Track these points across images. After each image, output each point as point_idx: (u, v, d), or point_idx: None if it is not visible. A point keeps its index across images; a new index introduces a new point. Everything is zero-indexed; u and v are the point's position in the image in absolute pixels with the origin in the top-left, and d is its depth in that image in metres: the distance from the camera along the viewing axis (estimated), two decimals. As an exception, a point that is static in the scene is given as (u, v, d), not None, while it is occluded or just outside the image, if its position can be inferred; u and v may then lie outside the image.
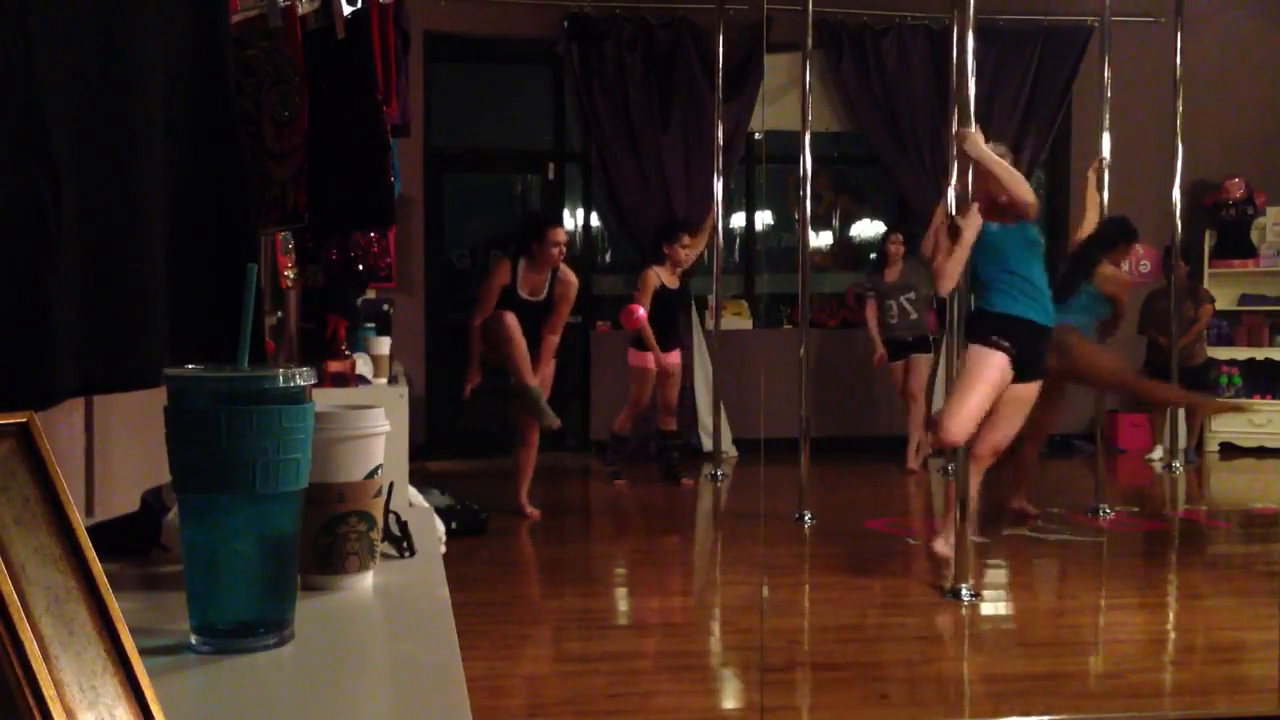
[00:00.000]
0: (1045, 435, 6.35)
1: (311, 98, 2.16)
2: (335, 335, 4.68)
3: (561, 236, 5.84)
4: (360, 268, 4.94)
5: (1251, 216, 9.03)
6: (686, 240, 7.38)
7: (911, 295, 7.74)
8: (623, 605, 5.07)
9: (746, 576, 5.19)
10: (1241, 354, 9.05)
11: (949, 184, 4.98)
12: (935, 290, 4.91)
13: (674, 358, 7.37)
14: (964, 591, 4.69)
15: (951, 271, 4.70)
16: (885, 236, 8.11)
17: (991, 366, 4.78)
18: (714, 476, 7.62)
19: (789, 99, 7.85)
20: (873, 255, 8.87)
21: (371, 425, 1.17)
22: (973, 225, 4.70)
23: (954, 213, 4.79)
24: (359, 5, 2.28)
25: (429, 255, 8.61)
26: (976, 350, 4.79)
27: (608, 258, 9.48)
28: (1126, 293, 6.27)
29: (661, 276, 7.25)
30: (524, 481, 6.30)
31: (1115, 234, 6.18)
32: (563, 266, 5.96)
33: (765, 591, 4.84)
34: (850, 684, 3.86)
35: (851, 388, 8.83)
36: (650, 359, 7.17)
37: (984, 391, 4.76)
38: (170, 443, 0.95)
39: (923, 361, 7.85)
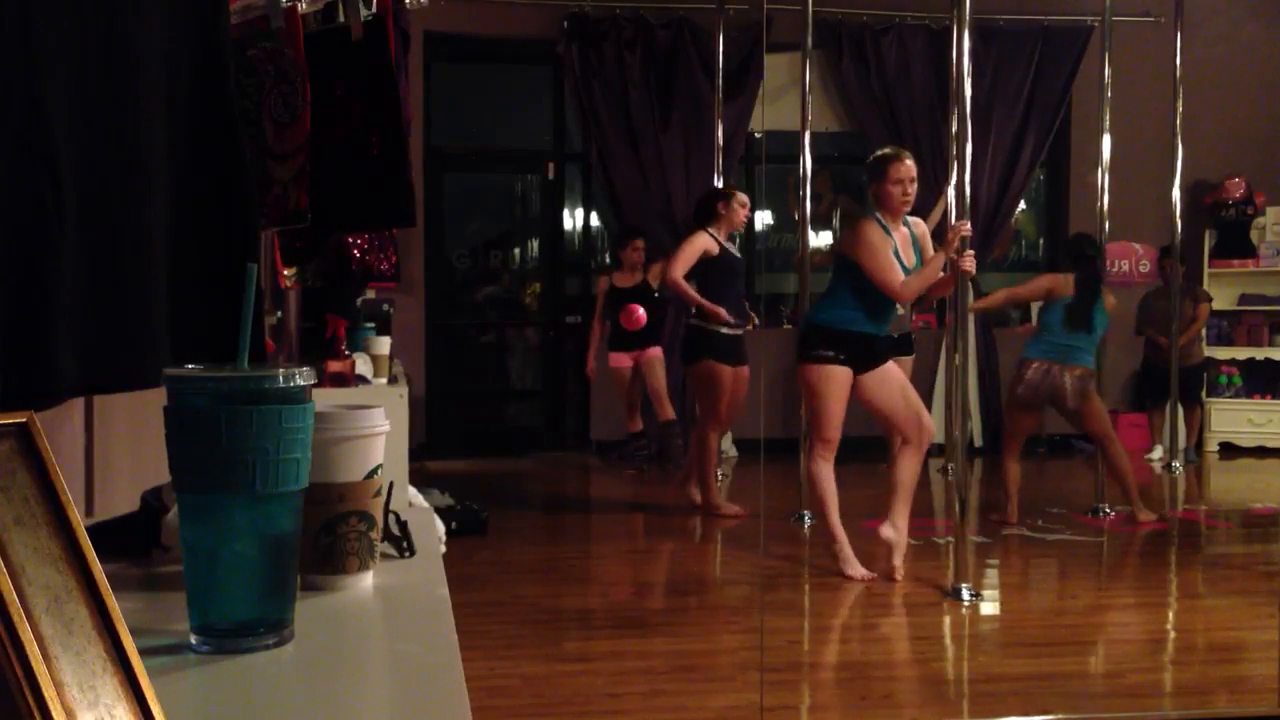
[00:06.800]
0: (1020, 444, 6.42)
1: (323, 100, 2.16)
2: (335, 335, 4.68)
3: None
4: (354, 267, 4.95)
5: (1251, 216, 9.02)
6: (638, 244, 7.69)
7: None
8: (622, 605, 5.07)
9: (746, 576, 5.19)
10: (1241, 354, 9.04)
11: (948, 184, 4.99)
12: (896, 299, 4.99)
13: (653, 353, 7.56)
14: (964, 591, 4.69)
15: (916, 288, 4.88)
16: None
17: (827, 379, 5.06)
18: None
19: (789, 99, 7.83)
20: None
21: (371, 425, 1.17)
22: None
23: (953, 220, 4.84)
24: (373, 9, 2.27)
25: (429, 255, 8.60)
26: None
27: (607, 258, 9.47)
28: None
29: (615, 280, 7.63)
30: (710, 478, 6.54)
31: (1089, 249, 6.22)
32: None
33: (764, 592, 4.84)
34: (850, 684, 3.86)
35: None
36: (621, 360, 7.52)
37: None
38: (170, 443, 0.95)
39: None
